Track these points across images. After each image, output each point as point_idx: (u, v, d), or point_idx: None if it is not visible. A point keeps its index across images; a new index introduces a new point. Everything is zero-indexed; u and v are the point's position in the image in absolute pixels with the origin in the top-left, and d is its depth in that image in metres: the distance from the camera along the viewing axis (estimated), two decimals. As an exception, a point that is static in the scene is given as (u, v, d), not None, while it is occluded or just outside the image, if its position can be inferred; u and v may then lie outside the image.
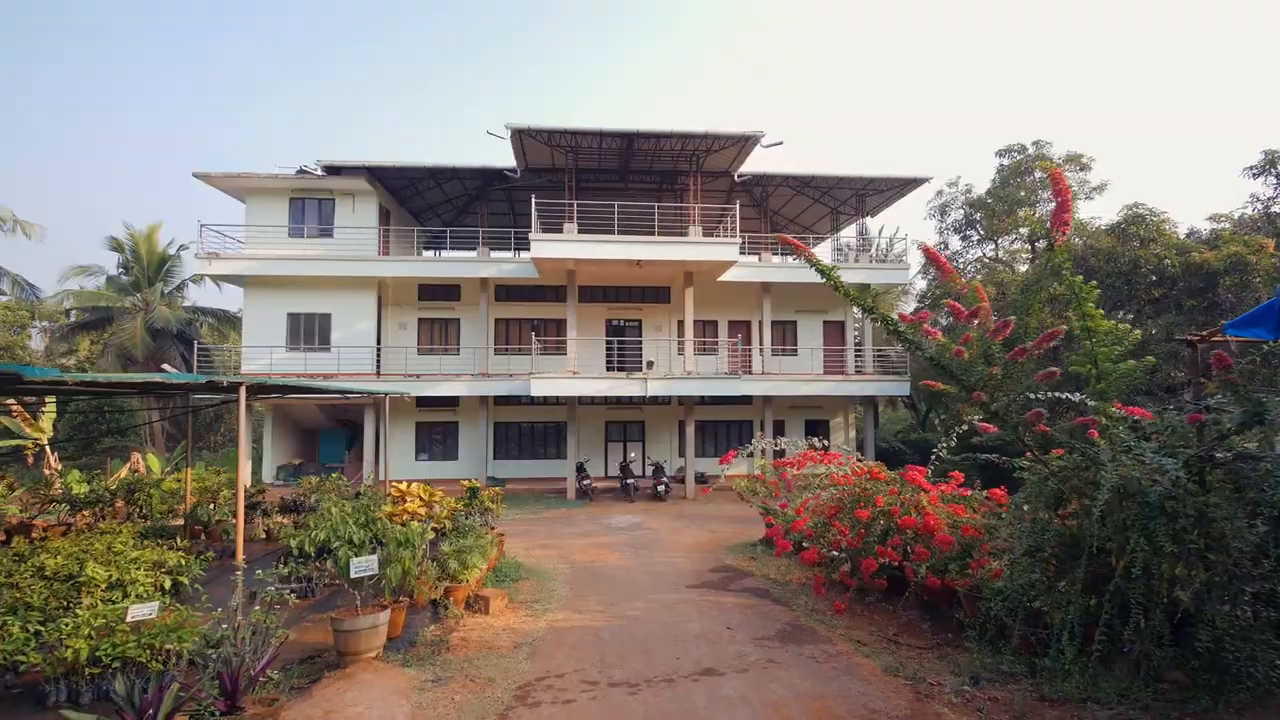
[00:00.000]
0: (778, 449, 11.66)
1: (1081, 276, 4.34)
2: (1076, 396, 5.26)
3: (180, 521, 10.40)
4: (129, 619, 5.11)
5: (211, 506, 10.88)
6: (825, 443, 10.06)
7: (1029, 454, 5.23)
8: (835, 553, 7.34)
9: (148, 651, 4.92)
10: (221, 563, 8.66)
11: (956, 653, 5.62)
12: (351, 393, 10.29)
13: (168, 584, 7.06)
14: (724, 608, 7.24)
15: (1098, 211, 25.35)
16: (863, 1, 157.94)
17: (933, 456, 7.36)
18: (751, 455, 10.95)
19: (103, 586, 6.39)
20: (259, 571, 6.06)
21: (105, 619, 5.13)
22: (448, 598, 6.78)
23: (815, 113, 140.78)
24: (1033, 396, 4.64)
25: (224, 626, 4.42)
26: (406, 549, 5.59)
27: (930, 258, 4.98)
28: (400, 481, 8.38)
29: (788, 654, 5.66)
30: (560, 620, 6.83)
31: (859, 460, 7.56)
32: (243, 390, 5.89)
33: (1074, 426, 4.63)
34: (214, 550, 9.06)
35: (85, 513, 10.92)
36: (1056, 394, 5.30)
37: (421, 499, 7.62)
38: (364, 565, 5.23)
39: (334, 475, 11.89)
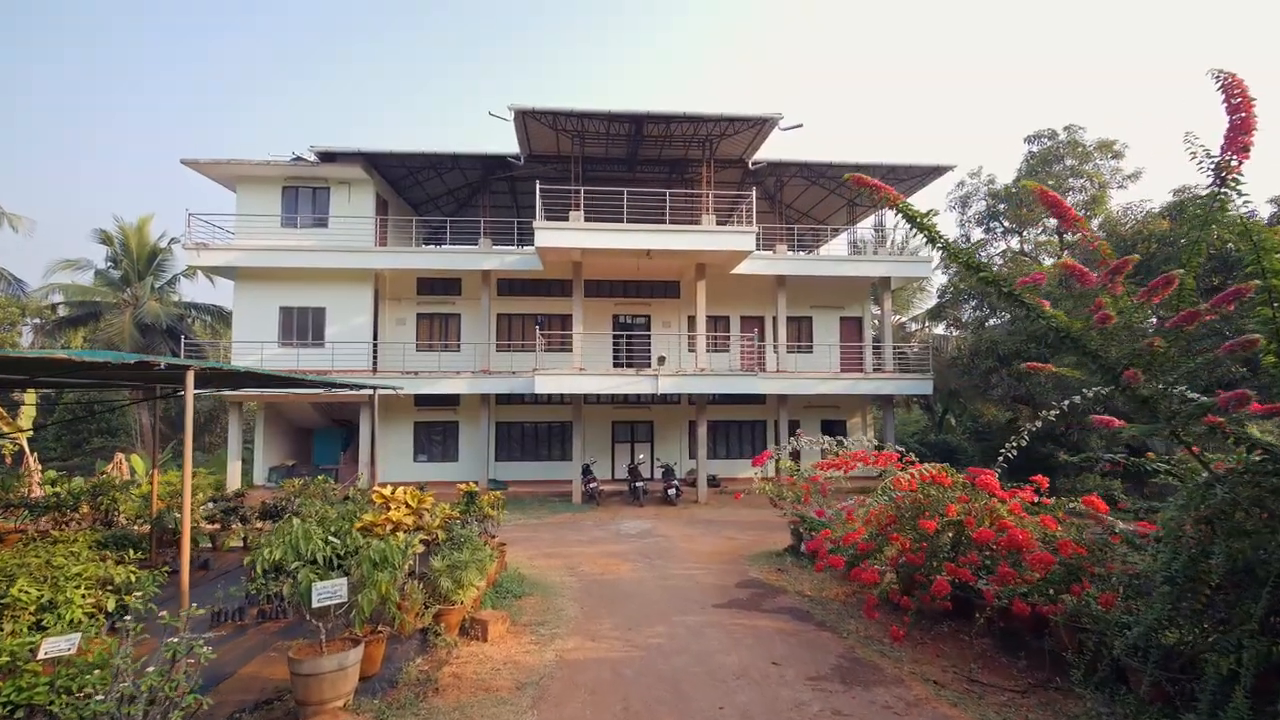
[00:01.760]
0: (801, 448, 10.62)
1: (1261, 220, 3.34)
2: (1174, 388, 4.23)
3: (147, 528, 9.42)
4: (42, 654, 4.11)
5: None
6: (854, 441, 9.03)
7: (1159, 455, 4.19)
8: (880, 567, 6.39)
9: (64, 697, 3.94)
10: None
11: (1063, 699, 4.55)
12: (334, 387, 9.29)
13: (111, 605, 6.07)
14: (761, 634, 6.19)
15: (1132, 199, 24.40)
16: (865, 2, 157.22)
17: (999, 458, 6.30)
18: (796, 454, 9.91)
19: (31, 609, 5.41)
20: (233, 587, 5.04)
21: (11, 655, 4.14)
22: (438, 623, 5.75)
23: (817, 114, 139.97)
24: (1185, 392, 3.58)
25: (98, 699, 3.35)
26: (385, 570, 4.56)
27: (1048, 201, 3.94)
28: (385, 486, 7.36)
29: (855, 702, 4.58)
30: (571, 650, 5.79)
31: (924, 462, 6.49)
32: (190, 375, 4.89)
33: (1247, 416, 3.59)
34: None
35: (46, 518, 9.94)
36: (1157, 385, 4.25)
37: (409, 506, 6.61)
38: (329, 591, 4.20)
39: (320, 478, 10.89)
